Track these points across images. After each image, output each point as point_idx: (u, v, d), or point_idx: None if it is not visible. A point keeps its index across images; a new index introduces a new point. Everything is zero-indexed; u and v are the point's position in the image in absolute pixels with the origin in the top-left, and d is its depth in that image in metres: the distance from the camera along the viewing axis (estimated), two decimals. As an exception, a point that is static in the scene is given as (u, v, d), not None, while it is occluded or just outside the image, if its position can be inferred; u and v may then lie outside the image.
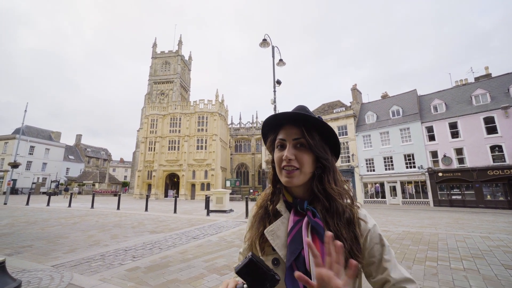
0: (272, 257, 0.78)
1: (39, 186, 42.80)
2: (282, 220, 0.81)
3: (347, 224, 0.78)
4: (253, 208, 0.94)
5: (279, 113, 0.84)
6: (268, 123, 0.90)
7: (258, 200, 0.94)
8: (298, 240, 0.74)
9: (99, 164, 63.65)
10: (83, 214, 13.21)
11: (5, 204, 18.30)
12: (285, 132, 0.83)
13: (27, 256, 5.22)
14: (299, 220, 0.78)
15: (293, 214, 0.81)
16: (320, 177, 0.81)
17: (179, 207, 18.70)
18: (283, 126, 0.85)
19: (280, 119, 0.86)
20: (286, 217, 0.82)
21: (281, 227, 0.80)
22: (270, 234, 0.79)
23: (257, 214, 0.90)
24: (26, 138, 42.96)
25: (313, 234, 0.75)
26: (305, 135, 0.80)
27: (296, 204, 0.82)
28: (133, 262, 4.89)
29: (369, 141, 27.63)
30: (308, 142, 0.80)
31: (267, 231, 0.80)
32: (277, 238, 0.78)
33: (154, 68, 55.19)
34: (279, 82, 11.27)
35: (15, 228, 8.68)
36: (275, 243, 0.77)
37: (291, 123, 0.84)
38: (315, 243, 0.73)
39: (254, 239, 0.84)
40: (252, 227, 0.88)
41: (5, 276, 3.45)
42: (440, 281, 3.94)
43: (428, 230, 8.97)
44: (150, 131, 38.27)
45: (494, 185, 20.21)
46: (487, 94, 22.14)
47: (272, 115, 0.87)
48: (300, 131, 0.81)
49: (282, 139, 0.83)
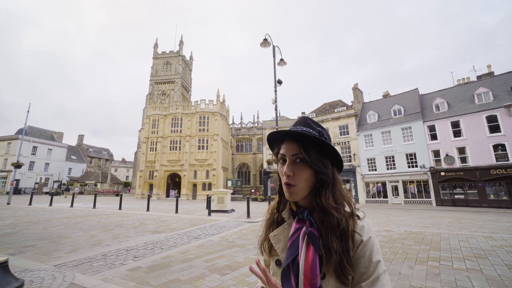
0: (276, 258, 0.88)
1: (41, 186, 43.05)
2: (285, 226, 0.91)
3: (340, 236, 0.78)
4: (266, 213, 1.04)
5: (280, 131, 0.90)
6: (271, 138, 0.95)
7: (270, 206, 1.03)
8: (296, 245, 0.82)
9: (101, 164, 63.96)
10: (85, 214, 13.27)
11: (8, 204, 18.42)
12: (285, 147, 0.88)
13: (29, 256, 5.25)
14: (300, 227, 0.85)
15: (296, 221, 0.88)
16: (318, 191, 0.84)
17: (181, 207, 18.73)
18: (284, 141, 0.90)
19: (281, 134, 0.91)
20: (289, 223, 0.90)
21: (283, 233, 0.89)
22: (274, 239, 0.89)
23: (268, 219, 1.00)
24: (29, 138, 43.24)
25: (308, 242, 0.80)
26: (302, 151, 0.83)
27: (299, 213, 0.88)
28: (135, 262, 4.90)
29: (371, 141, 27.54)
30: (305, 159, 0.82)
31: (272, 235, 0.91)
32: (279, 242, 0.88)
33: (156, 69, 55.34)
34: (280, 81, 11.26)
35: (18, 228, 8.73)
36: (277, 246, 0.87)
37: (290, 139, 0.88)
38: (308, 250, 0.79)
39: (263, 242, 0.96)
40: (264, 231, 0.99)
41: (8, 276, 3.47)
42: (442, 281, 3.92)
43: (431, 230, 8.93)
44: (151, 131, 38.37)
45: (497, 184, 20.09)
46: (489, 92, 21.99)
47: (273, 132, 0.92)
48: (298, 146, 0.84)
49: (282, 154, 0.88)
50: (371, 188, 27.03)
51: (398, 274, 4.26)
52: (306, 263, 0.77)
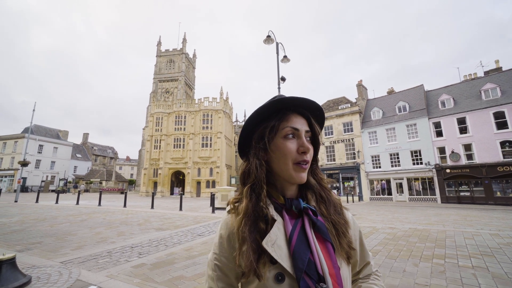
0: (274, 272, 0.64)
1: (48, 184, 43.65)
2: (278, 226, 0.69)
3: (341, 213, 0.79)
4: (232, 220, 0.74)
5: (288, 97, 0.73)
6: (268, 107, 0.75)
7: (241, 208, 0.73)
8: (304, 244, 0.66)
9: (105, 162, 64.62)
10: (91, 212, 13.43)
11: (16, 201, 18.73)
12: (296, 121, 0.74)
13: (36, 253, 5.33)
14: (296, 222, 0.70)
15: (289, 216, 0.72)
16: (315, 171, 0.80)
17: (185, 204, 18.85)
18: (287, 114, 0.74)
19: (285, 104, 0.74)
20: (280, 221, 0.70)
21: (280, 235, 0.68)
22: (270, 246, 0.65)
23: (246, 225, 0.69)
24: (35, 137, 43.82)
25: (316, 233, 0.69)
26: (315, 128, 0.76)
27: (291, 204, 0.73)
28: (139, 259, 4.94)
29: (375, 138, 27.31)
30: (316, 136, 0.77)
31: (266, 242, 0.66)
32: (278, 248, 0.65)
33: (159, 67, 55.48)
34: (283, 78, 11.19)
35: (25, 225, 8.88)
36: (277, 254, 0.64)
37: (298, 112, 0.76)
38: (319, 242, 0.68)
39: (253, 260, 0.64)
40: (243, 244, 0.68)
41: (15, 272, 3.53)
42: (447, 279, 3.88)
43: (436, 227, 8.84)
44: (155, 129, 38.57)
45: (504, 181, 19.79)
46: (497, 88, 21.58)
47: (278, 98, 0.73)
48: (307, 122, 0.76)
49: (295, 128, 0.72)
50: (375, 186, 26.85)
51: (403, 271, 4.23)
52: (328, 260, 0.65)
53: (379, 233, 7.68)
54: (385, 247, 5.97)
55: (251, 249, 0.66)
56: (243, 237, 0.68)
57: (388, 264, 4.66)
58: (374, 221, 10.48)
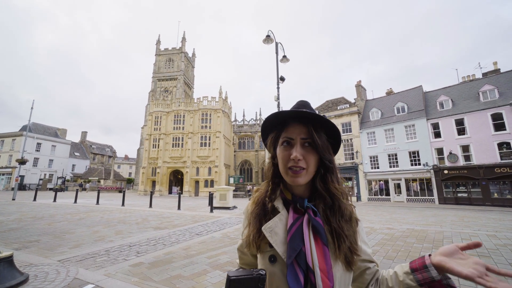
0: (269, 254, 0.78)
1: (46, 182, 43.48)
2: (280, 217, 0.81)
3: (349, 221, 0.81)
4: (249, 205, 0.92)
5: (285, 111, 0.82)
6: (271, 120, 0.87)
7: (254, 197, 0.91)
8: (299, 237, 0.75)
9: (104, 161, 64.44)
10: (89, 210, 13.40)
11: (13, 199, 18.66)
12: (292, 130, 0.81)
13: (34, 251, 5.32)
14: (298, 217, 0.79)
15: (292, 211, 0.82)
16: (324, 177, 0.82)
17: (183, 203, 18.83)
18: (288, 124, 0.83)
19: (285, 116, 0.84)
20: (284, 214, 0.82)
21: (279, 224, 0.80)
22: (268, 231, 0.79)
23: (254, 211, 0.87)
24: (33, 135, 43.59)
25: (314, 233, 0.76)
26: (313, 136, 0.79)
27: (296, 201, 0.82)
28: (137, 258, 4.94)
29: (374, 138, 27.38)
30: (316, 143, 0.78)
31: (265, 228, 0.80)
32: (275, 235, 0.78)
33: (158, 65, 55.34)
34: (282, 78, 11.20)
35: (23, 223, 8.84)
36: (273, 239, 0.77)
37: (297, 121, 0.82)
38: (316, 241, 0.75)
39: (251, 236, 0.82)
40: (250, 225, 0.86)
41: (13, 270, 3.52)
42: (445, 280, 3.89)
43: (433, 228, 8.88)
44: (154, 128, 38.50)
45: (501, 182, 19.88)
46: (495, 90, 21.68)
47: (276, 112, 0.84)
48: (307, 130, 0.80)
49: (289, 137, 0.81)
50: (373, 186, 26.93)
51: (400, 272, 4.24)
52: (320, 255, 0.73)
53: (377, 234, 7.71)
54: (383, 247, 6.00)
55: (253, 230, 0.83)
56: (249, 220, 0.87)
57: (386, 264, 4.68)
58: (372, 222, 10.51)
